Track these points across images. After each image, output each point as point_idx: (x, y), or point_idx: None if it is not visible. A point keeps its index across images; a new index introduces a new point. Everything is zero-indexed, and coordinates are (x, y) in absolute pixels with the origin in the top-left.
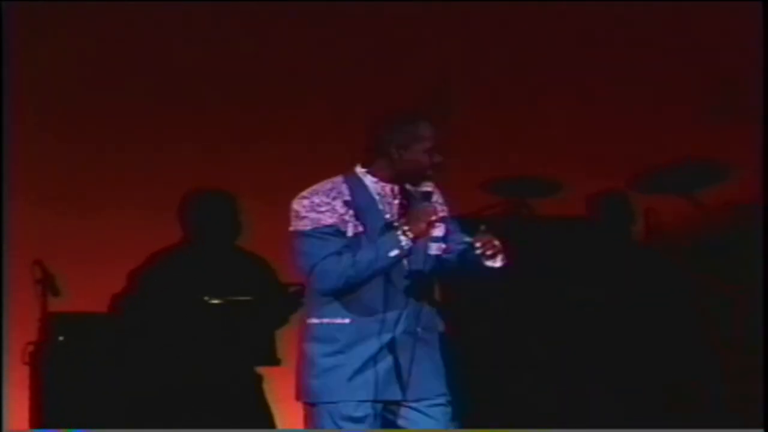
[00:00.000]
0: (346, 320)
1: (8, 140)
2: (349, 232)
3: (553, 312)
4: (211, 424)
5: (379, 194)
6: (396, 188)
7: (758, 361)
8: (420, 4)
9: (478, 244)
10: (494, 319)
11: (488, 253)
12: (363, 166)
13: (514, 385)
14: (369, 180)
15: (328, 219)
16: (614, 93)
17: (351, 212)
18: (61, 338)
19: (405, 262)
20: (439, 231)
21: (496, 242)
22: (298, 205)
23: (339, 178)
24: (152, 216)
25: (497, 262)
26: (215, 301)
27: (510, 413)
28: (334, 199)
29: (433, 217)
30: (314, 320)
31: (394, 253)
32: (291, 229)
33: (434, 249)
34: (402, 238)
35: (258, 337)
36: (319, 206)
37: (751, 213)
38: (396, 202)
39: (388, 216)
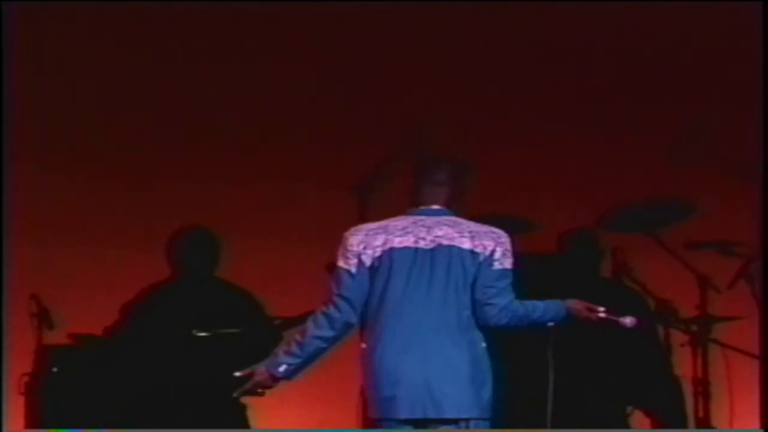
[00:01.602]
0: None
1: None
2: None
3: (525, 340)
4: None
5: None
6: None
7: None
8: (391, 49)
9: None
10: None
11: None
12: (446, 207)
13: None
14: None
15: None
16: (585, 135)
17: None
18: (54, 369)
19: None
20: None
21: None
22: (510, 243)
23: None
24: (144, 251)
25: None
26: (203, 334)
27: None
28: None
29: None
30: (485, 344)
31: (551, 323)
32: (507, 267)
33: None
34: (565, 318)
35: (243, 367)
36: None
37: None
38: None
39: None
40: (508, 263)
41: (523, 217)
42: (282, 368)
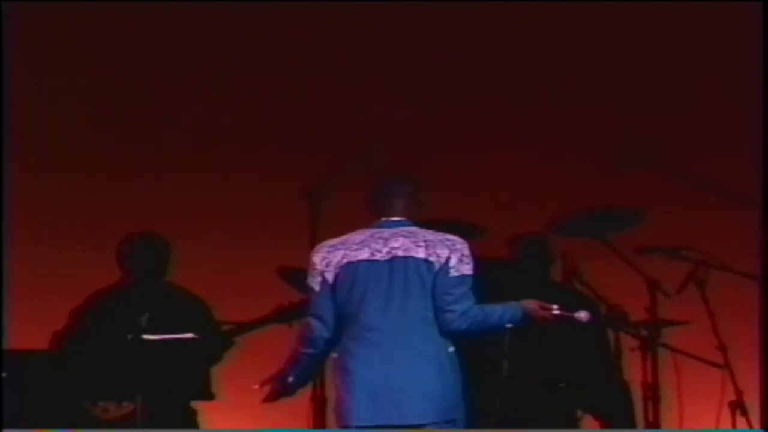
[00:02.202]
0: None
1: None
2: None
3: (475, 346)
4: None
5: None
6: None
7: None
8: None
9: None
10: None
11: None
12: (408, 218)
13: None
14: None
15: None
16: (535, 143)
17: None
18: (4, 374)
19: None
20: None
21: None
22: (468, 249)
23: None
24: (95, 256)
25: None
26: (152, 338)
27: None
28: None
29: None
30: (453, 348)
31: (509, 324)
32: (464, 273)
33: None
34: (521, 318)
35: (193, 372)
36: None
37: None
38: None
39: None
40: (465, 269)
41: (474, 223)
42: (290, 378)
